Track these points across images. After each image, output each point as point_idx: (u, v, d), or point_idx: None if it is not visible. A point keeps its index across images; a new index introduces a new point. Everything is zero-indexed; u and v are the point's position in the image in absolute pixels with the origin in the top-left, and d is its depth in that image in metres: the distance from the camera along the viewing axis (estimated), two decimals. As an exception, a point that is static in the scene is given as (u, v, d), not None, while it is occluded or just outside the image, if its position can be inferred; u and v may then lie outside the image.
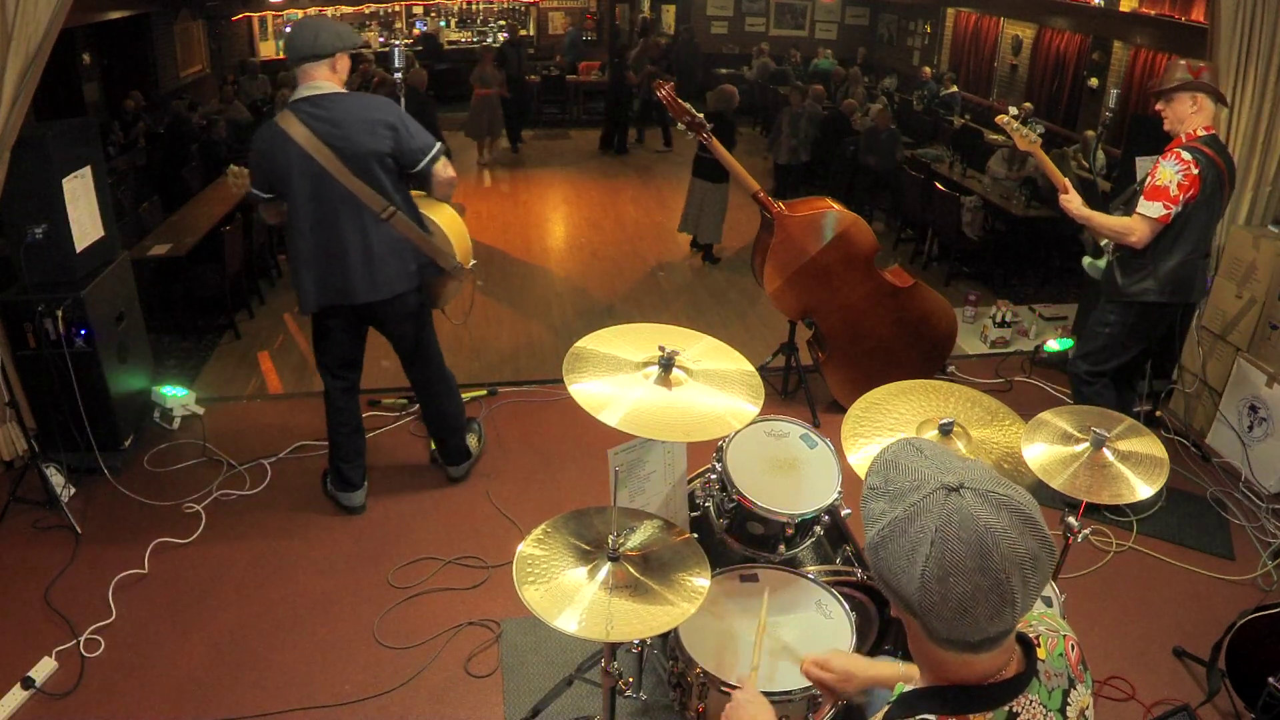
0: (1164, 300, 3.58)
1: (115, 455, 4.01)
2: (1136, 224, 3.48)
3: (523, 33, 15.25)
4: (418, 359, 3.69)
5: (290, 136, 3.14)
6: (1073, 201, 3.65)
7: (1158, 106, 3.52)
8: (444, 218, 3.60)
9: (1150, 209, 3.43)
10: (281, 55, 14.36)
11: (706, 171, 7.01)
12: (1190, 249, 3.50)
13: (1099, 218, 3.60)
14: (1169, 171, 3.39)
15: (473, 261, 3.74)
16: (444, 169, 3.37)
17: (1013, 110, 3.79)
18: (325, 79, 3.22)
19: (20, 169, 3.57)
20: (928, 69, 12.95)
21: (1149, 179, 3.47)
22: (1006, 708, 1.18)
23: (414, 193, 3.49)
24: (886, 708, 1.28)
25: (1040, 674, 1.23)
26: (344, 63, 3.28)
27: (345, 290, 3.33)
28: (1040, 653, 1.26)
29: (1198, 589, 3.49)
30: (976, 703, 1.18)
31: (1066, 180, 3.69)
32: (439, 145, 3.37)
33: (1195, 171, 3.36)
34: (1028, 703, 1.20)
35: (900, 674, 1.62)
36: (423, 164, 3.31)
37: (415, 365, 3.71)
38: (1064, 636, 1.31)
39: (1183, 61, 3.44)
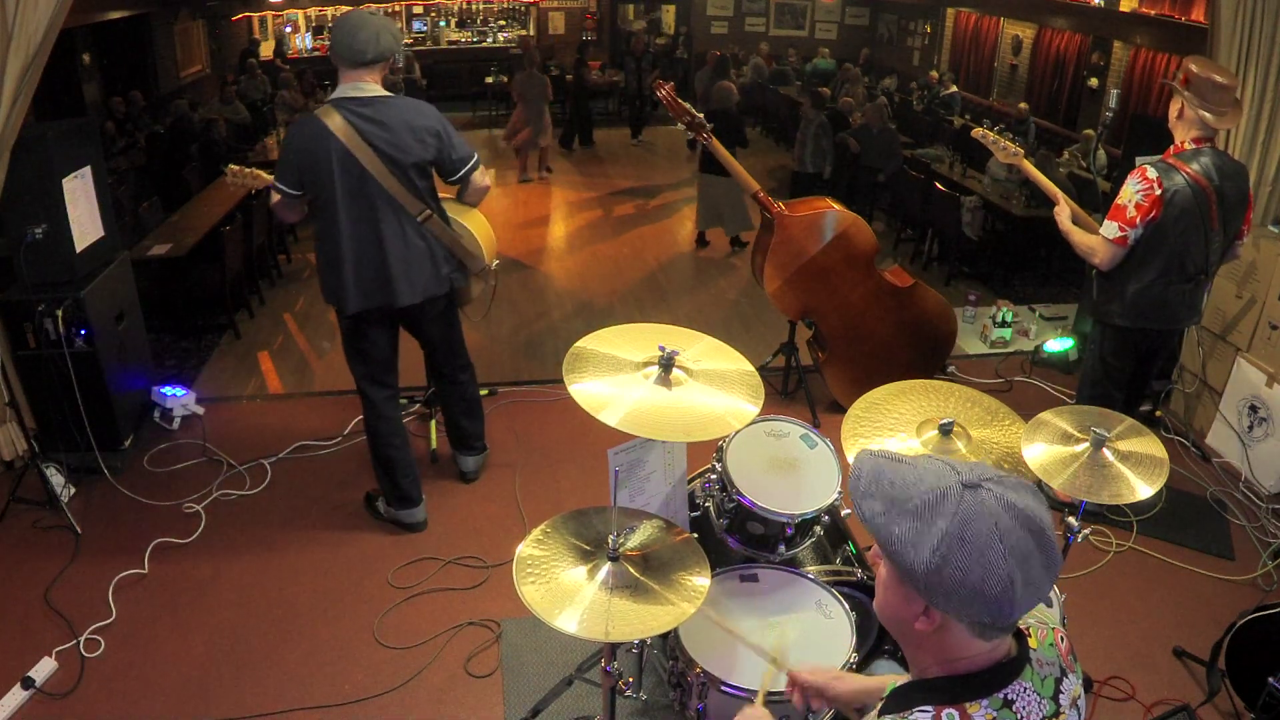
0: (1129, 325, 3.43)
1: (115, 455, 4.01)
2: (1098, 245, 3.34)
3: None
4: (447, 355, 3.72)
5: (333, 133, 3.06)
6: (1063, 214, 3.52)
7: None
8: (473, 222, 3.60)
9: (1107, 229, 3.29)
10: (293, 55, 14.38)
11: (716, 165, 7.03)
12: (1158, 273, 3.31)
13: (1075, 235, 3.46)
14: (1129, 190, 3.23)
15: (496, 262, 3.74)
16: (481, 177, 3.42)
17: (986, 123, 3.72)
18: (373, 81, 3.16)
19: (20, 169, 3.57)
20: (935, 73, 12.94)
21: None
22: (1001, 694, 1.19)
23: (443, 196, 3.49)
24: (880, 703, 1.29)
25: (1033, 661, 1.24)
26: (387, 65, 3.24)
27: (386, 292, 3.28)
28: (1031, 642, 1.26)
29: (1198, 589, 3.49)
30: (971, 690, 1.18)
31: (1057, 190, 3.59)
32: (476, 155, 3.41)
33: (1157, 192, 3.18)
34: (1022, 689, 1.20)
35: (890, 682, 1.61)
36: (462, 172, 3.35)
37: (444, 362, 3.74)
38: (1053, 629, 1.32)
39: (1194, 66, 3.22)
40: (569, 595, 1.90)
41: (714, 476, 2.64)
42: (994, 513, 1.10)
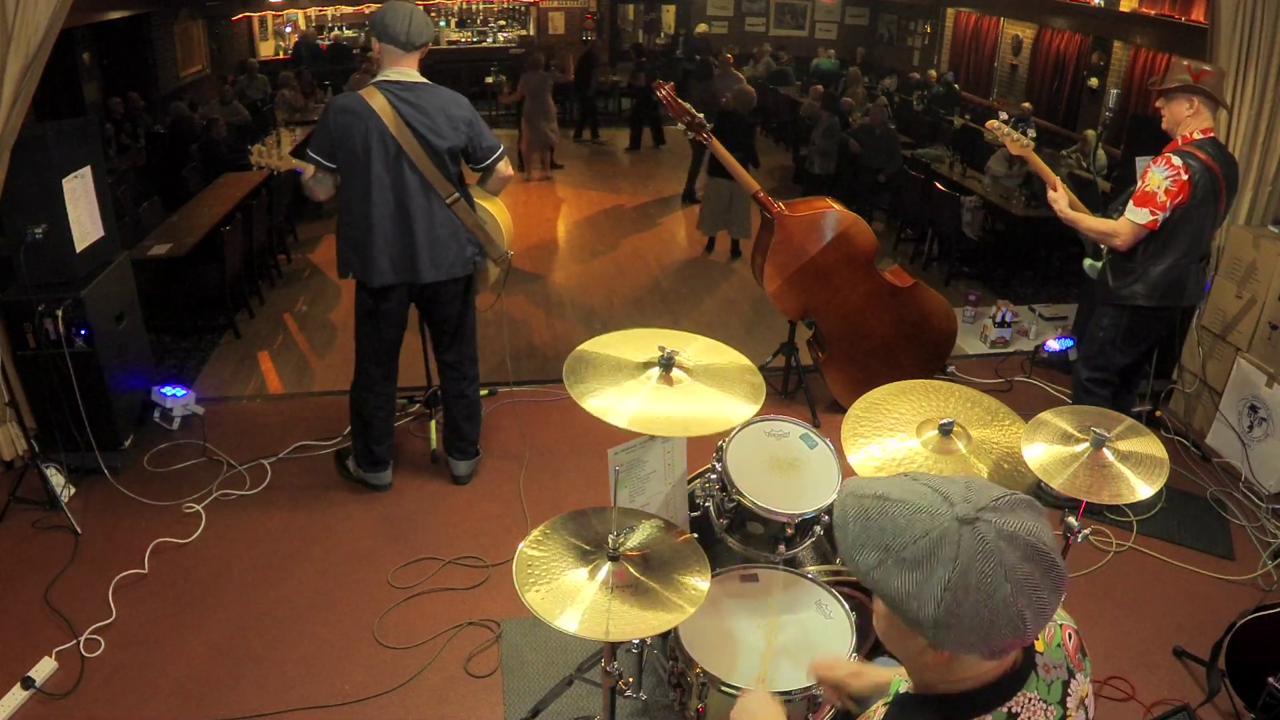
0: (1153, 304, 3.56)
1: (115, 455, 4.01)
2: (1121, 227, 3.46)
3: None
4: (455, 341, 3.79)
5: (375, 112, 3.23)
6: (1060, 200, 3.63)
7: (1157, 104, 3.51)
8: (495, 209, 3.75)
9: (1138, 215, 3.42)
10: (284, 56, 14.39)
11: (724, 169, 7.02)
12: (1181, 254, 3.47)
13: (1084, 219, 3.58)
14: (1158, 177, 3.37)
15: (511, 251, 3.87)
16: (505, 167, 3.60)
17: (1002, 115, 3.80)
18: (414, 68, 3.36)
19: (20, 169, 3.57)
20: (933, 73, 12.95)
21: (1139, 183, 3.46)
22: (1005, 708, 1.16)
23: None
24: (884, 707, 1.28)
25: (1039, 668, 1.21)
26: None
27: (412, 269, 3.44)
28: (1038, 645, 1.23)
29: (1198, 589, 3.49)
30: (975, 706, 1.16)
31: (1056, 178, 3.68)
32: (502, 146, 3.58)
33: (1185, 177, 3.33)
34: (1026, 700, 1.18)
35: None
36: (489, 161, 3.52)
37: (452, 348, 3.80)
38: (1060, 625, 1.29)
39: (1186, 63, 3.41)
40: (569, 595, 1.90)
41: (714, 476, 2.64)
42: (995, 550, 1.04)
